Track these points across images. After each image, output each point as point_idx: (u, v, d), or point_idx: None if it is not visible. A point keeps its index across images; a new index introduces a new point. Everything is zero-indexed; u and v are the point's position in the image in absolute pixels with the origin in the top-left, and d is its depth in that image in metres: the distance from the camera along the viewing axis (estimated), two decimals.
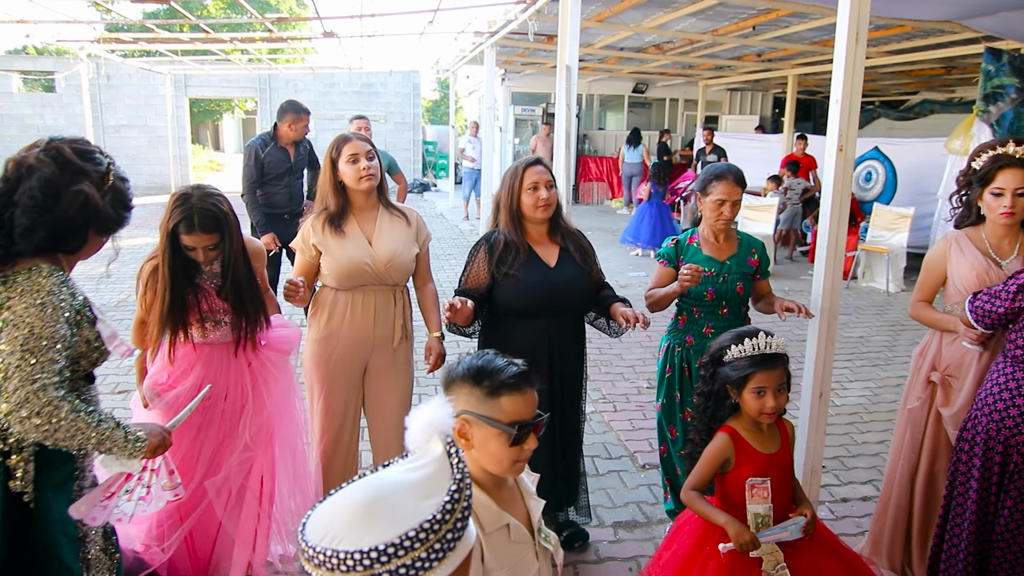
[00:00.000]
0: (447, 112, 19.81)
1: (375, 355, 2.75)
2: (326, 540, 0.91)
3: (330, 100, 18.03)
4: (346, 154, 2.66)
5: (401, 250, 2.73)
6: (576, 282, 2.67)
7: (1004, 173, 2.32)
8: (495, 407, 1.45)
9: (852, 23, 2.55)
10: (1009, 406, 2.11)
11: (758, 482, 2.02)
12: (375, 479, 1.00)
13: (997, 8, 6.35)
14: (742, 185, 2.75)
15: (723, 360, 2.07)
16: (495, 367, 1.48)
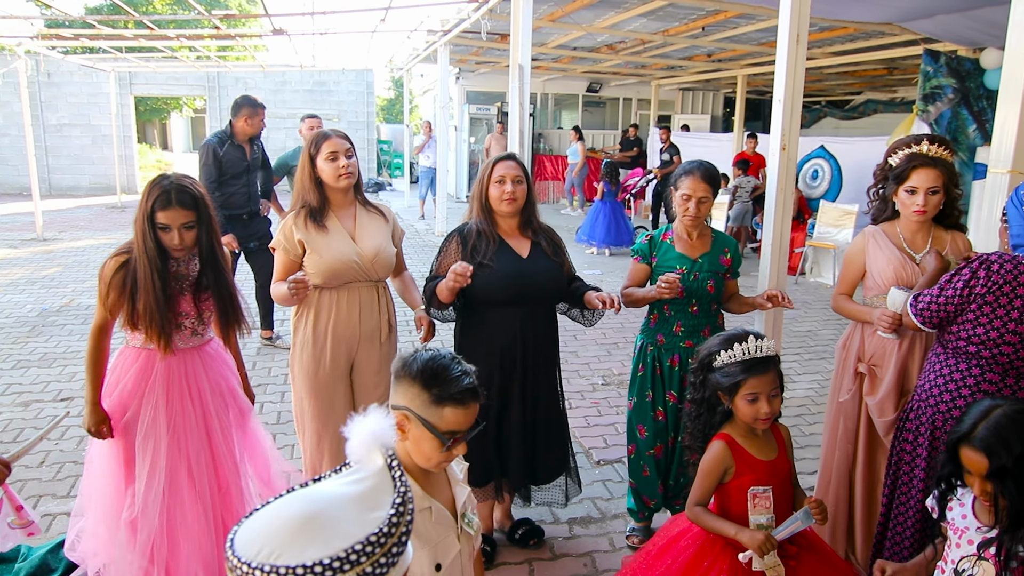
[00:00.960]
0: (402, 111, 19.67)
1: (361, 351, 2.75)
2: (262, 555, 0.87)
3: (282, 98, 17.75)
4: (325, 151, 2.65)
5: (385, 245, 2.75)
6: (549, 272, 2.73)
7: (918, 172, 2.41)
8: (437, 414, 1.50)
9: (793, 25, 2.62)
10: (955, 396, 2.17)
11: (760, 491, 1.96)
12: (310, 492, 0.97)
13: (934, 11, 6.58)
14: (711, 183, 2.74)
15: (713, 366, 2.00)
16: (448, 377, 1.52)
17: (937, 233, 2.53)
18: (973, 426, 1.61)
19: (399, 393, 1.53)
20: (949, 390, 2.18)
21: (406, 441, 1.53)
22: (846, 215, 8.20)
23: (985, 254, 2.15)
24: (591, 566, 2.85)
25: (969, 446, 1.60)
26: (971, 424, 1.62)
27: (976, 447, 1.58)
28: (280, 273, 2.71)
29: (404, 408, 1.51)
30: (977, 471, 1.59)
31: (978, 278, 2.09)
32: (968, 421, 1.64)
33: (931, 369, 2.28)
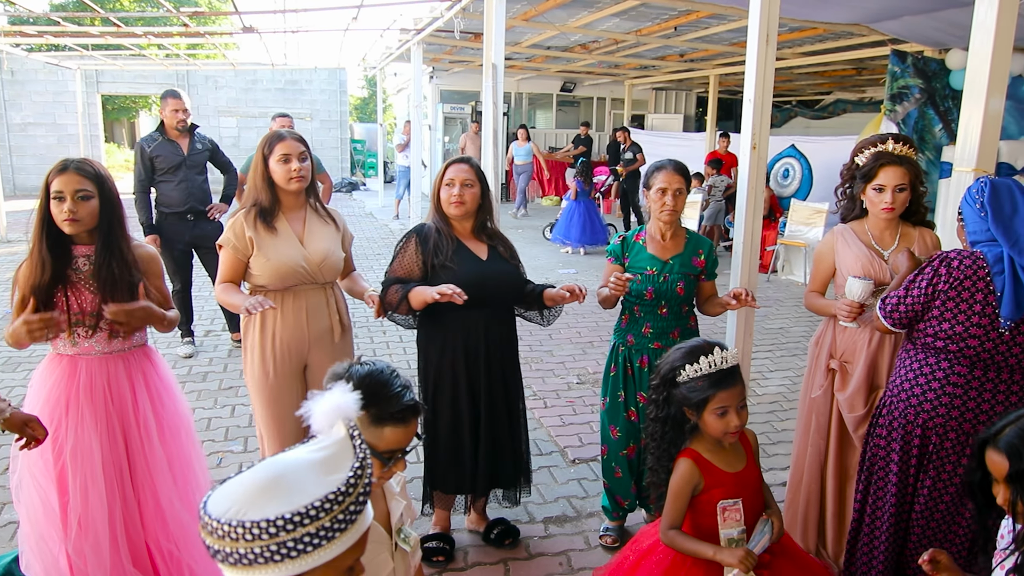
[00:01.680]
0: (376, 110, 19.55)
1: (313, 353, 2.73)
2: (230, 513, 0.94)
3: (253, 97, 17.57)
4: (278, 153, 2.62)
5: (333, 250, 2.74)
6: (508, 274, 2.75)
7: (885, 170, 2.45)
8: (376, 434, 1.47)
9: (763, 26, 2.64)
10: (925, 390, 2.20)
11: (730, 504, 1.92)
12: (278, 459, 1.04)
13: (901, 12, 6.69)
14: (684, 175, 2.76)
15: (677, 381, 1.93)
16: (387, 395, 1.49)
17: (905, 230, 2.57)
18: (1001, 428, 1.53)
19: None
20: (919, 384, 2.21)
21: None
22: (816, 213, 8.30)
23: (945, 252, 2.19)
24: (567, 565, 2.85)
25: (993, 448, 1.52)
26: (1000, 427, 1.54)
27: (999, 448, 1.50)
28: (226, 272, 2.65)
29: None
30: (999, 474, 1.51)
31: (940, 275, 2.13)
32: (999, 424, 1.55)
33: (902, 365, 2.31)
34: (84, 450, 2.20)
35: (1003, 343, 2.08)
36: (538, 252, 9.72)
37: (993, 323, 2.07)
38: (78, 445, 2.20)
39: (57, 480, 2.20)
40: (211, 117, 17.00)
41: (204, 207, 5.04)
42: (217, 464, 3.59)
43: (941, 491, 2.21)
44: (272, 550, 0.94)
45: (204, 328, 5.88)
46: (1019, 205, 2.06)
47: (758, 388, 4.89)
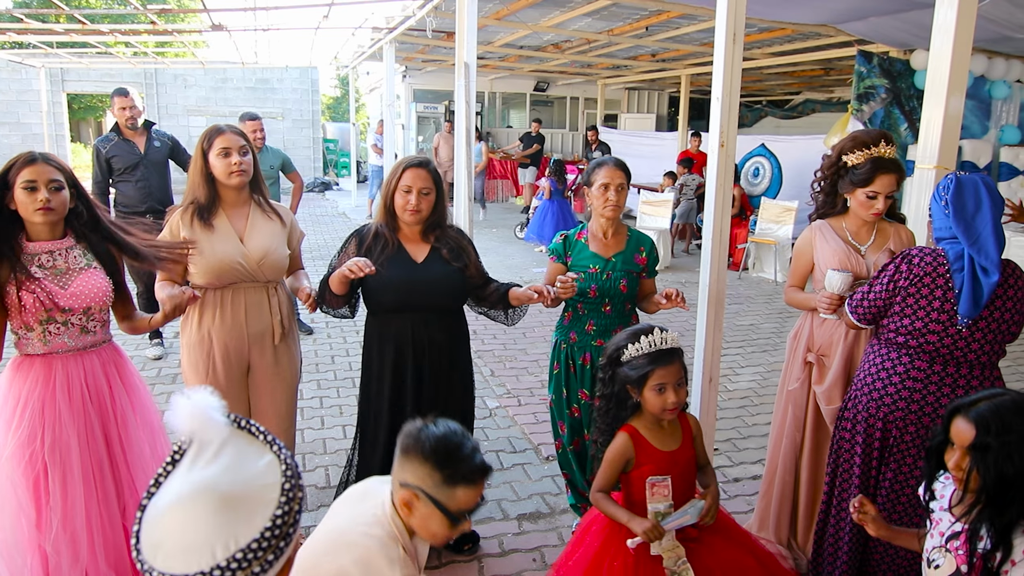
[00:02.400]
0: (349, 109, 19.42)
1: (254, 353, 2.68)
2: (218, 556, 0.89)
3: (223, 96, 17.36)
4: (217, 147, 2.57)
5: (275, 247, 2.67)
6: (441, 279, 2.66)
7: (881, 178, 2.45)
8: (449, 494, 1.48)
9: (729, 25, 2.67)
10: (887, 384, 2.25)
11: (658, 480, 2.03)
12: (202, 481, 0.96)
13: (867, 14, 6.80)
14: (625, 171, 2.78)
15: (621, 360, 2.07)
16: (461, 456, 1.50)
17: (881, 226, 2.61)
18: (976, 400, 1.59)
19: (408, 471, 1.50)
20: (881, 378, 2.26)
21: (412, 518, 1.51)
22: (786, 211, 8.41)
23: (908, 249, 2.24)
24: (540, 561, 2.87)
25: (963, 416, 1.58)
26: (975, 399, 1.60)
27: (969, 417, 1.56)
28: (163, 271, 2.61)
29: (415, 487, 1.48)
30: (960, 442, 1.58)
31: (901, 272, 2.17)
32: (976, 396, 1.61)
33: (867, 359, 2.36)
34: (62, 448, 2.18)
35: (961, 339, 2.13)
36: (512, 251, 9.74)
37: (952, 319, 2.12)
38: (55, 444, 2.17)
39: (35, 479, 2.17)
40: (180, 116, 16.77)
41: (164, 207, 4.97)
42: None
43: (902, 483, 2.26)
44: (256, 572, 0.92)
45: (173, 330, 5.80)
46: (983, 203, 2.10)
47: (729, 384, 4.95)
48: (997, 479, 1.49)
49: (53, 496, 2.16)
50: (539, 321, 6.17)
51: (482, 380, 4.86)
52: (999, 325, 2.11)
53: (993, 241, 2.05)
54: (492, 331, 5.87)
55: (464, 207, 5.87)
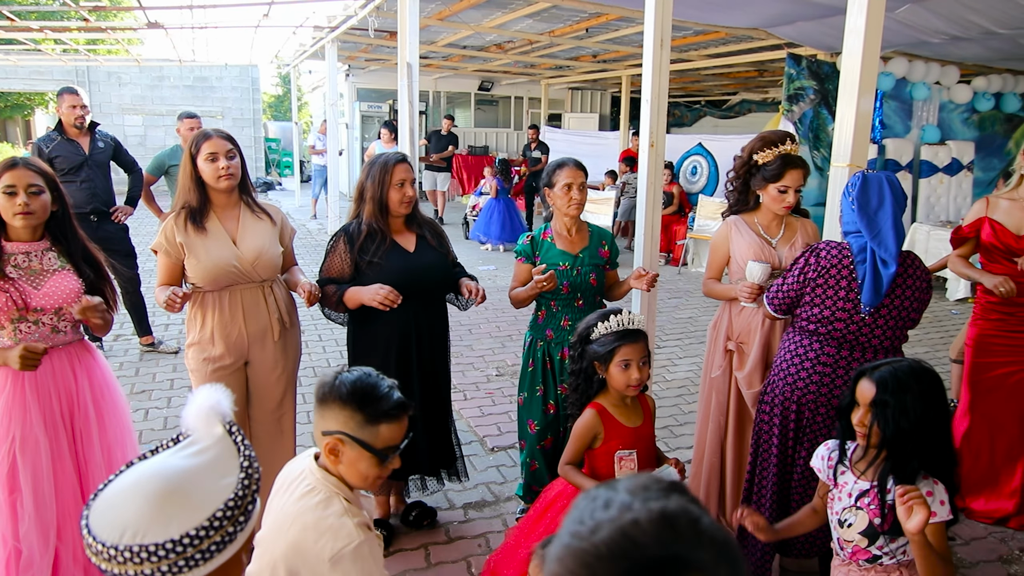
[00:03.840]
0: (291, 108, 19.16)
1: (253, 351, 2.74)
2: (127, 537, 0.92)
3: (159, 95, 16.93)
4: (205, 151, 2.63)
5: (267, 247, 2.74)
6: (435, 266, 2.85)
7: (790, 173, 2.65)
8: (372, 433, 1.52)
9: (657, 31, 2.82)
10: (799, 369, 2.43)
11: (626, 454, 2.16)
12: (158, 469, 1.01)
13: (795, 18, 7.10)
14: (583, 170, 2.91)
15: (590, 338, 2.20)
16: (378, 395, 1.55)
17: (789, 220, 2.80)
18: (879, 365, 1.79)
19: (328, 418, 1.53)
20: (794, 363, 2.43)
21: (339, 465, 1.54)
22: (723, 208, 8.69)
23: (816, 243, 2.42)
24: (485, 546, 2.97)
25: (867, 377, 1.77)
26: (878, 364, 1.80)
27: (872, 378, 1.76)
28: (163, 276, 2.67)
29: (337, 432, 1.51)
30: (864, 400, 1.78)
31: (809, 264, 2.35)
32: (880, 362, 1.81)
33: (783, 347, 2.54)
34: (32, 444, 2.22)
35: (865, 326, 2.32)
36: (458, 249, 9.79)
37: (856, 307, 2.30)
38: (26, 440, 2.21)
39: (6, 475, 2.21)
40: (115, 115, 16.30)
41: (108, 208, 4.90)
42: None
43: None
44: (180, 566, 0.93)
45: (113, 333, 5.70)
46: (886, 200, 2.28)
47: (667, 374, 5.14)
48: (895, 432, 1.68)
49: (24, 491, 2.20)
50: (484, 318, 6.27)
51: None
52: (899, 312, 2.30)
53: (893, 235, 2.23)
54: None
55: None
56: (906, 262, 2.30)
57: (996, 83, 8.89)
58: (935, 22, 6.32)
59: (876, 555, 1.82)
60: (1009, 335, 3.17)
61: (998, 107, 9.10)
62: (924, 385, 1.73)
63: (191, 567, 0.94)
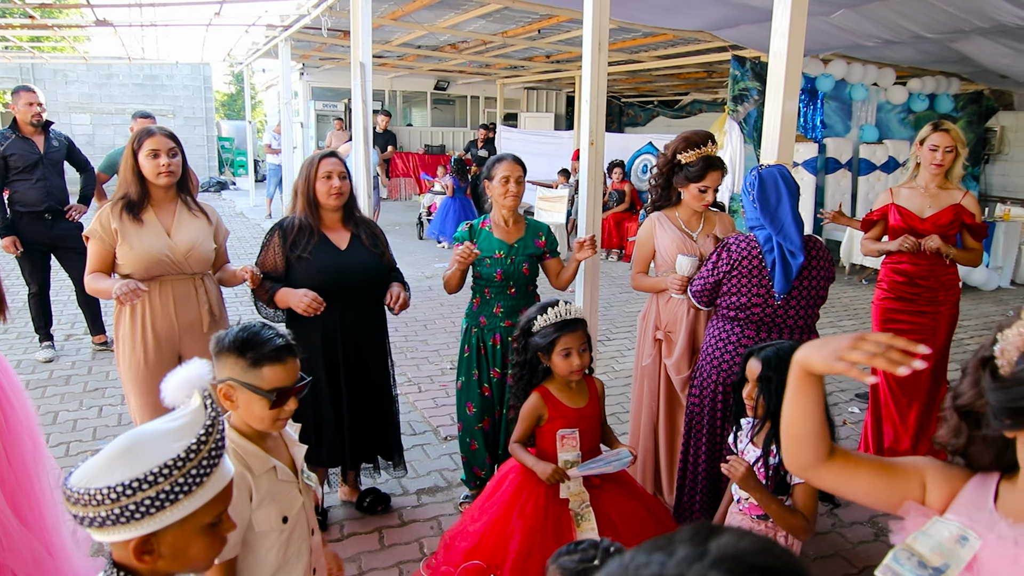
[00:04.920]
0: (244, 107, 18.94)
1: (185, 343, 2.81)
2: (83, 482, 1.04)
3: (108, 93, 16.60)
4: (147, 148, 2.70)
5: (201, 241, 2.82)
6: (365, 264, 2.90)
7: (711, 174, 2.84)
8: (257, 375, 1.64)
9: (595, 34, 2.97)
10: (724, 352, 2.61)
11: (567, 432, 2.31)
12: (138, 430, 1.14)
13: (738, 22, 7.35)
14: (521, 165, 3.05)
15: (532, 331, 2.33)
16: (258, 340, 1.66)
17: (707, 215, 2.98)
18: (765, 346, 2.00)
19: (219, 368, 1.65)
20: (719, 347, 2.62)
21: (238, 410, 1.65)
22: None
23: (727, 238, 2.61)
24: (437, 528, 3.09)
25: (755, 356, 1.98)
26: (764, 345, 2.01)
27: (758, 357, 1.97)
28: (94, 263, 2.73)
29: (226, 379, 1.63)
30: (751, 376, 2.00)
31: (722, 258, 2.55)
32: (766, 344, 2.03)
33: (709, 333, 2.72)
34: None
35: (780, 309, 2.53)
36: (415, 247, 9.88)
37: (769, 293, 2.50)
38: None
39: None
40: (62, 113, 15.93)
41: (63, 206, 4.89)
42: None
43: None
44: (116, 513, 1.03)
45: (64, 332, 5.67)
46: (783, 195, 2.48)
47: (616, 364, 5.32)
48: (778, 404, 1.86)
49: None
50: (439, 314, 6.38)
51: None
52: (809, 293, 2.50)
53: (795, 228, 2.44)
54: (394, 324, 5.99)
55: (363, 204, 6.00)
56: (810, 248, 2.50)
57: (930, 84, 9.31)
58: (868, 27, 6.62)
59: (762, 514, 2.01)
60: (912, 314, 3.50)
61: (932, 107, 9.52)
62: None
63: (128, 519, 1.04)
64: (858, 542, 3.09)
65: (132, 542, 1.06)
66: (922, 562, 1.05)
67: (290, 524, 1.72)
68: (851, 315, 7.04)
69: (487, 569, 2.20)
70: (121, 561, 1.09)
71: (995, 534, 1.05)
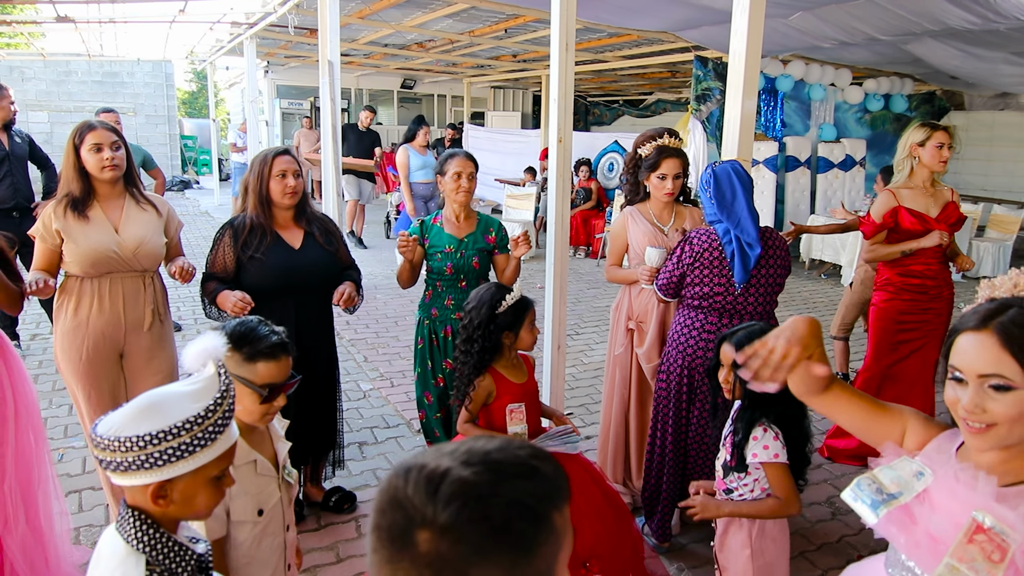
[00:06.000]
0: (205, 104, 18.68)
1: (129, 341, 2.77)
2: (112, 430, 1.17)
3: (66, 90, 16.24)
4: (89, 142, 2.65)
5: (150, 236, 2.77)
6: (318, 263, 2.89)
7: (667, 161, 2.96)
8: (251, 370, 1.71)
9: (562, 36, 3.06)
10: (688, 339, 2.73)
11: (515, 407, 2.44)
12: (159, 390, 1.26)
13: (700, 23, 7.52)
14: (473, 161, 3.14)
15: (497, 314, 2.38)
16: (255, 335, 1.74)
17: (678, 209, 3.10)
18: (736, 331, 2.09)
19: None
20: (684, 333, 2.74)
21: None
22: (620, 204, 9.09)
23: (688, 232, 2.73)
24: None
25: (727, 342, 2.05)
26: (736, 329, 2.11)
27: (732, 342, 2.02)
28: (38, 261, 2.69)
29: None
30: (727, 362, 2.09)
31: (685, 252, 2.67)
32: (736, 328, 2.12)
33: (675, 322, 2.84)
34: None
35: (740, 296, 2.66)
36: (383, 244, 9.91)
37: (730, 282, 2.63)
38: None
39: None
40: (18, 111, 15.54)
41: (29, 204, 4.84)
42: (59, 460, 3.57)
43: (707, 419, 2.74)
44: (142, 459, 1.17)
45: (30, 332, 5.61)
46: (737, 191, 2.61)
47: (584, 357, 5.43)
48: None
49: None
50: (410, 311, 6.43)
51: (356, 366, 5.08)
52: (768, 281, 2.64)
53: (751, 221, 2.57)
54: (365, 321, 6.07)
55: (332, 204, 6.03)
56: (766, 239, 2.63)
57: (885, 85, 9.61)
58: (824, 28, 6.83)
59: (729, 488, 2.12)
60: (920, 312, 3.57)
61: (887, 107, 9.84)
62: None
63: (150, 466, 1.18)
64: (816, 520, 3.25)
65: (150, 487, 1.19)
66: (880, 488, 1.20)
67: (265, 517, 1.77)
68: (811, 308, 7.26)
69: None
70: (135, 504, 1.22)
71: (944, 471, 1.23)
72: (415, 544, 0.71)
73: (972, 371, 1.19)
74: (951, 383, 1.23)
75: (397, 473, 0.76)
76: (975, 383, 1.18)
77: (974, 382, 1.18)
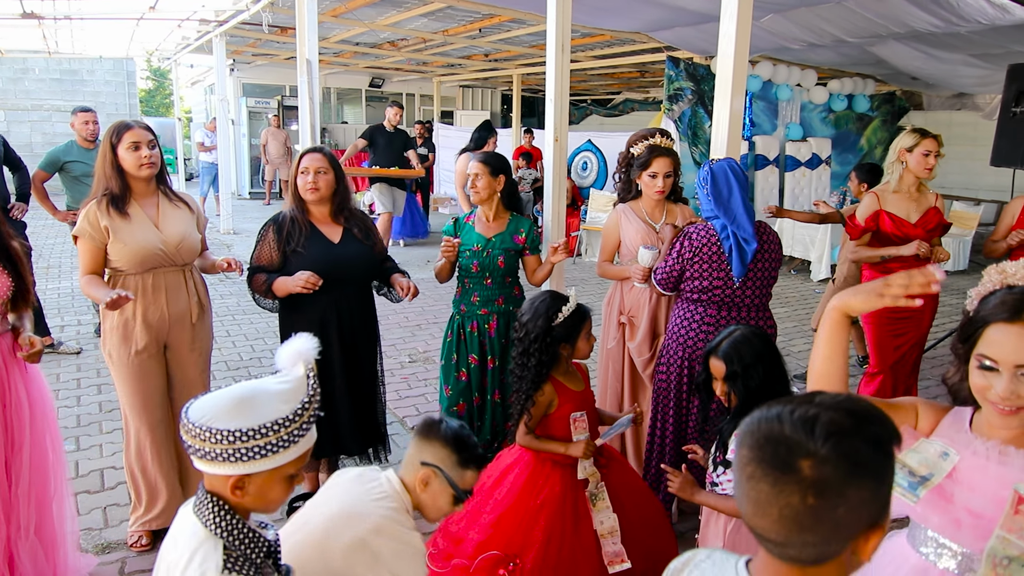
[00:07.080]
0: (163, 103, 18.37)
1: (173, 333, 2.83)
2: (204, 419, 1.22)
3: (23, 88, 15.82)
4: (127, 141, 2.69)
5: (189, 232, 2.85)
6: (358, 256, 2.99)
7: (657, 160, 3.04)
8: (461, 475, 1.79)
9: (559, 36, 3.12)
10: (688, 330, 2.82)
11: (578, 416, 2.47)
12: (251, 384, 1.32)
13: (673, 24, 7.65)
14: (483, 162, 3.16)
15: (554, 326, 2.38)
16: (470, 443, 1.83)
17: (669, 207, 3.19)
18: (720, 342, 2.13)
19: (428, 453, 1.78)
20: (684, 327, 2.82)
21: (424, 494, 1.77)
22: (611, 201, 9.19)
23: (686, 228, 2.81)
24: None
25: (715, 355, 2.11)
26: (719, 340, 2.14)
27: (719, 356, 2.09)
28: (88, 264, 2.69)
29: (434, 466, 1.76)
30: (718, 375, 2.12)
31: (684, 246, 2.76)
32: (718, 338, 2.15)
33: (674, 315, 2.92)
34: None
35: (738, 290, 2.75)
36: None
37: (728, 276, 2.73)
38: None
39: None
40: None
41: (5, 203, 4.74)
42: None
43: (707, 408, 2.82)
44: (229, 453, 1.22)
45: None
46: (733, 188, 2.71)
47: None
48: (747, 393, 2.04)
49: None
50: (393, 309, 6.42)
51: None
52: (763, 274, 2.75)
53: (746, 217, 2.67)
54: None
55: None
56: (761, 234, 2.73)
57: (848, 85, 9.88)
58: (794, 30, 7.01)
59: (715, 482, 2.20)
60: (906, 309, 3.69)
61: (850, 107, 10.11)
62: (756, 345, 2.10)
63: (236, 459, 1.23)
64: None
65: (232, 478, 1.25)
66: (912, 472, 1.28)
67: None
68: (783, 303, 7.44)
69: (506, 559, 2.31)
70: (213, 490, 1.29)
71: (970, 450, 1.32)
72: (799, 469, 0.89)
73: (1010, 362, 1.26)
74: (979, 371, 1.30)
75: (765, 418, 0.96)
76: (1010, 371, 1.26)
77: (1010, 371, 1.26)
